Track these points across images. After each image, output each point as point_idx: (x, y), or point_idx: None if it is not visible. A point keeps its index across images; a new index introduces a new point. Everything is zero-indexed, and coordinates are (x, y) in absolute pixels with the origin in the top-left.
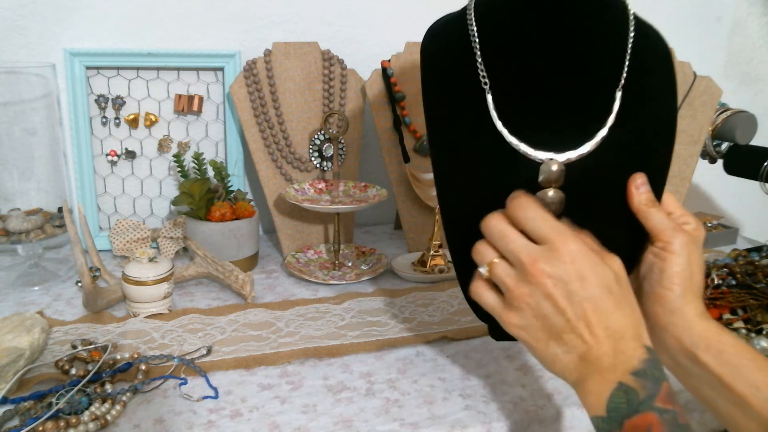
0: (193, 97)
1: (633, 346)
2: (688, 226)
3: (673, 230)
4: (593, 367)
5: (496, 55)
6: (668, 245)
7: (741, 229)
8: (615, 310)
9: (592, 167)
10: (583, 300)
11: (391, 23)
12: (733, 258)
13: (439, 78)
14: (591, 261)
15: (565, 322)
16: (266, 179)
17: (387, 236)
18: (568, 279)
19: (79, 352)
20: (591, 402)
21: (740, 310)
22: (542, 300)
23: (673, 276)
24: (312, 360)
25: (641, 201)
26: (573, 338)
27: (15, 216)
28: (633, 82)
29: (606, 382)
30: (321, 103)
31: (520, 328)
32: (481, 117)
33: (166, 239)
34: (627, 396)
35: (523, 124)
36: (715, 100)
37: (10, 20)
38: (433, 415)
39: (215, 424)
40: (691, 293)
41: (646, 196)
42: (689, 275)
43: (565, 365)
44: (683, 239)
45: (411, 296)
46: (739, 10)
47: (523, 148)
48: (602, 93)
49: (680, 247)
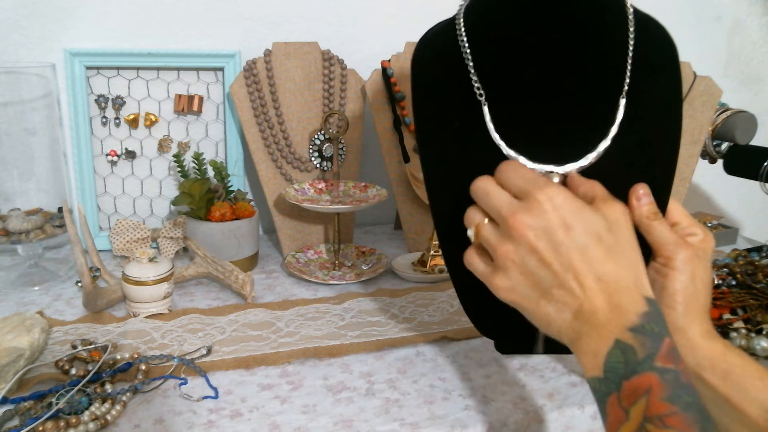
0: (193, 97)
1: (630, 299)
2: (694, 237)
3: (675, 244)
4: (588, 324)
5: (490, 65)
6: (670, 261)
7: (741, 229)
8: (607, 259)
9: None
10: (569, 250)
11: (391, 23)
12: (733, 258)
13: (430, 90)
14: (575, 207)
15: (553, 275)
16: (266, 179)
17: (387, 236)
18: (551, 228)
19: (79, 352)
20: (587, 362)
21: (740, 310)
22: (527, 255)
23: (675, 293)
24: (312, 360)
25: (642, 213)
26: (563, 293)
27: (15, 216)
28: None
29: (602, 339)
30: (321, 103)
31: (509, 290)
32: (477, 129)
33: (166, 239)
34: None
35: (521, 136)
36: (715, 100)
37: (10, 20)
38: (433, 415)
39: (215, 424)
40: (694, 311)
41: (648, 208)
42: (693, 292)
43: (559, 325)
44: (687, 254)
45: (411, 296)
46: (739, 10)
47: (521, 161)
48: (605, 101)
49: (683, 263)
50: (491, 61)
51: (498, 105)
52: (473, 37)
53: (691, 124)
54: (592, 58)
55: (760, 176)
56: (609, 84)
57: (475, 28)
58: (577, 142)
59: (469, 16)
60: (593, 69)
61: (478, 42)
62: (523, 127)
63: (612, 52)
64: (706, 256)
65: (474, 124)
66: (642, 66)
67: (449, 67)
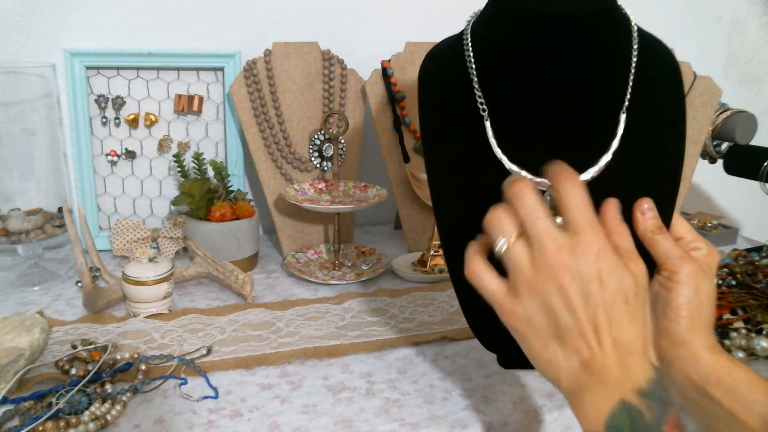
0: (193, 97)
1: (640, 364)
2: (698, 252)
3: (680, 258)
4: (595, 378)
5: (494, 81)
6: (674, 275)
7: (741, 229)
8: (627, 322)
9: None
10: (597, 304)
11: (391, 23)
12: (733, 258)
13: (437, 103)
14: (614, 264)
15: (575, 322)
16: (266, 179)
17: (387, 236)
18: (589, 278)
19: (79, 352)
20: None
21: (740, 310)
22: (555, 293)
23: (679, 307)
24: (312, 360)
25: (647, 228)
26: (579, 342)
27: (15, 216)
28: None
29: (607, 396)
30: (321, 103)
31: (522, 319)
32: (480, 144)
33: (166, 239)
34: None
35: (523, 150)
36: (715, 100)
37: (10, 20)
38: (433, 415)
39: (215, 424)
40: (698, 325)
41: (652, 222)
42: (697, 306)
43: (562, 370)
44: (691, 268)
45: (411, 296)
46: (739, 10)
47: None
48: (606, 116)
49: (687, 276)
50: (495, 77)
51: (501, 120)
52: (479, 52)
53: (691, 124)
54: (595, 74)
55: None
56: (611, 99)
57: (482, 44)
58: (579, 157)
59: (476, 32)
60: (595, 84)
61: (484, 57)
62: (525, 141)
63: (614, 68)
64: (710, 271)
65: (477, 138)
66: (644, 82)
67: (455, 82)
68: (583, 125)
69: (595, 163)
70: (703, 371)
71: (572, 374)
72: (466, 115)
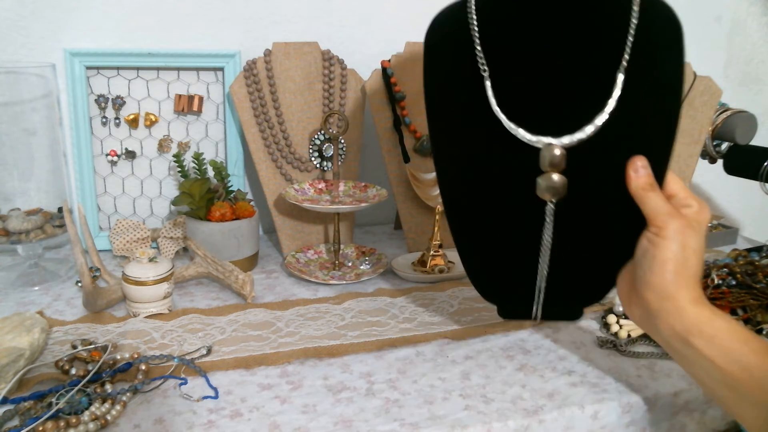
0: (193, 97)
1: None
2: (689, 209)
3: (668, 215)
4: None
5: (495, 43)
6: (661, 230)
7: (741, 229)
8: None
9: (593, 151)
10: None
11: (391, 23)
12: (733, 258)
13: (441, 67)
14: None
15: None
16: (266, 179)
17: (387, 236)
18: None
19: (79, 352)
20: None
21: (740, 310)
22: None
23: (665, 262)
24: (312, 360)
25: (639, 185)
26: None
27: (15, 216)
28: (637, 61)
29: None
30: (321, 103)
31: None
32: (481, 103)
33: (166, 239)
34: None
35: (522, 109)
36: (715, 100)
37: (10, 20)
38: (433, 415)
39: (215, 424)
40: (684, 279)
41: (645, 180)
42: (683, 261)
43: None
44: (678, 224)
45: (411, 296)
46: (739, 10)
47: (521, 132)
48: (603, 75)
49: (674, 232)
50: (497, 39)
51: (501, 80)
52: (482, 16)
53: (691, 124)
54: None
55: (760, 176)
56: (609, 60)
57: (484, 6)
58: (576, 116)
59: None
60: (594, 45)
61: (487, 20)
62: (524, 100)
63: (614, 29)
64: (699, 227)
65: (478, 99)
66: (644, 44)
67: (459, 45)
68: (581, 84)
69: (591, 122)
70: (686, 322)
71: None
72: (468, 75)
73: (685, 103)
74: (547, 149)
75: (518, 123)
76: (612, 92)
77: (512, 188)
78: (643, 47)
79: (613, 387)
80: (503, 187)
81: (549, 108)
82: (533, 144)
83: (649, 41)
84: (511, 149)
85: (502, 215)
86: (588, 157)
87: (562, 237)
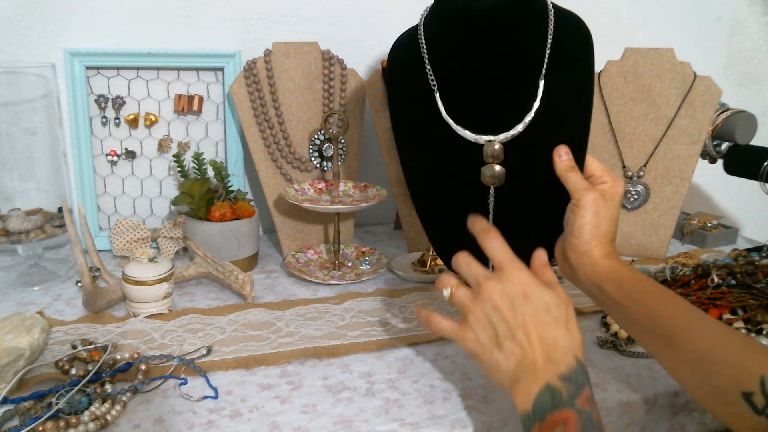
0: (193, 97)
1: (563, 356)
2: (604, 185)
3: (584, 189)
4: (527, 372)
5: (441, 63)
6: (579, 201)
7: (741, 229)
8: (551, 325)
9: (525, 144)
10: (525, 313)
11: (391, 23)
12: (733, 258)
13: (400, 85)
14: (535, 285)
15: (507, 329)
16: (266, 179)
17: (387, 236)
18: (514, 295)
19: (79, 352)
20: (520, 401)
21: (740, 310)
22: (491, 311)
23: (582, 226)
24: (312, 360)
25: (562, 167)
26: (513, 345)
27: (15, 216)
28: (555, 70)
29: (536, 382)
30: (321, 103)
31: (473, 341)
32: (433, 112)
33: (166, 239)
34: (552, 395)
35: (466, 115)
36: (715, 100)
37: (10, 20)
38: (433, 415)
39: (215, 424)
40: (596, 239)
41: (566, 163)
42: (596, 225)
43: (503, 371)
44: (592, 196)
45: (411, 296)
46: (739, 10)
47: (467, 134)
48: (527, 82)
49: (588, 202)
50: (442, 59)
51: (448, 92)
52: (430, 41)
53: (691, 124)
54: (519, 50)
55: (760, 176)
56: (532, 69)
57: (431, 35)
58: (509, 117)
59: (427, 25)
60: (519, 58)
61: (433, 44)
62: (467, 107)
63: (535, 43)
64: (613, 198)
65: (431, 108)
66: (560, 53)
67: (413, 64)
68: (511, 92)
69: (521, 120)
70: (599, 272)
71: (510, 372)
72: (422, 89)
73: (685, 103)
74: (488, 145)
75: (464, 126)
76: (536, 96)
77: (462, 177)
78: (559, 56)
79: (613, 387)
80: (456, 177)
81: (487, 112)
82: (477, 141)
83: (563, 50)
84: (460, 147)
85: (457, 200)
86: (521, 149)
87: (505, 214)
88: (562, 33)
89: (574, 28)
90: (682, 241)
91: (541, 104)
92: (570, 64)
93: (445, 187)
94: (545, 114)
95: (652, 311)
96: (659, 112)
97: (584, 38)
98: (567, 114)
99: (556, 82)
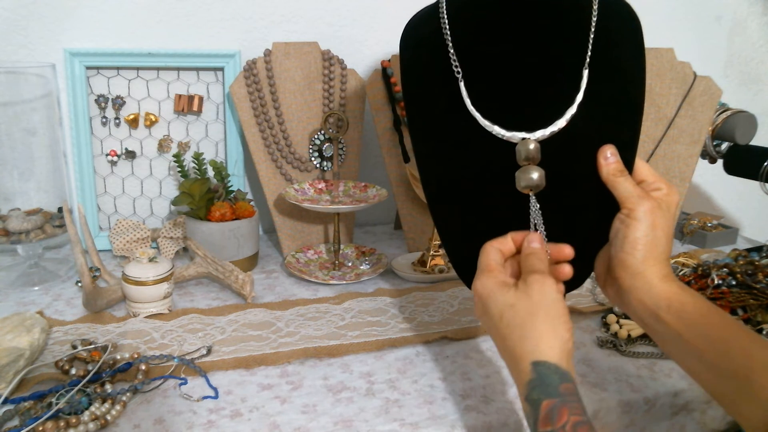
0: (193, 97)
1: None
2: (658, 192)
3: (638, 197)
4: None
5: (467, 45)
6: (632, 212)
7: (741, 229)
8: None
9: (565, 143)
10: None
11: (391, 23)
12: (733, 258)
13: (417, 70)
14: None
15: None
16: (266, 179)
17: (387, 236)
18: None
19: (79, 352)
20: None
21: (740, 310)
22: None
23: (635, 242)
24: (312, 360)
25: (609, 171)
26: None
27: (15, 216)
28: (599, 58)
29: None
30: (321, 103)
31: None
32: (456, 103)
33: (166, 239)
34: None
35: (496, 108)
36: (715, 100)
37: (10, 20)
38: (433, 415)
39: (215, 424)
40: (653, 257)
41: (615, 166)
42: (652, 240)
43: None
44: (647, 206)
45: (411, 296)
46: (739, 10)
47: (498, 130)
48: (569, 72)
49: (643, 213)
50: (468, 42)
51: (475, 81)
52: (453, 20)
53: (691, 124)
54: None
55: (760, 176)
56: (574, 57)
57: (456, 12)
58: (547, 111)
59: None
60: (560, 44)
61: (458, 25)
62: (497, 99)
63: (577, 29)
64: (669, 209)
65: (454, 99)
66: (605, 39)
67: (433, 49)
68: (549, 82)
69: (562, 115)
70: (655, 298)
71: None
72: (443, 77)
73: (685, 103)
74: (522, 144)
75: (493, 120)
76: (579, 87)
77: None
78: (604, 44)
79: (613, 387)
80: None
81: (521, 105)
82: (510, 140)
83: (609, 38)
84: (488, 146)
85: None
86: (561, 149)
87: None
88: (606, 17)
89: (620, 13)
90: (682, 241)
91: (584, 96)
92: (616, 53)
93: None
94: (589, 108)
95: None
96: (659, 112)
97: (632, 24)
98: (613, 108)
99: (601, 71)
